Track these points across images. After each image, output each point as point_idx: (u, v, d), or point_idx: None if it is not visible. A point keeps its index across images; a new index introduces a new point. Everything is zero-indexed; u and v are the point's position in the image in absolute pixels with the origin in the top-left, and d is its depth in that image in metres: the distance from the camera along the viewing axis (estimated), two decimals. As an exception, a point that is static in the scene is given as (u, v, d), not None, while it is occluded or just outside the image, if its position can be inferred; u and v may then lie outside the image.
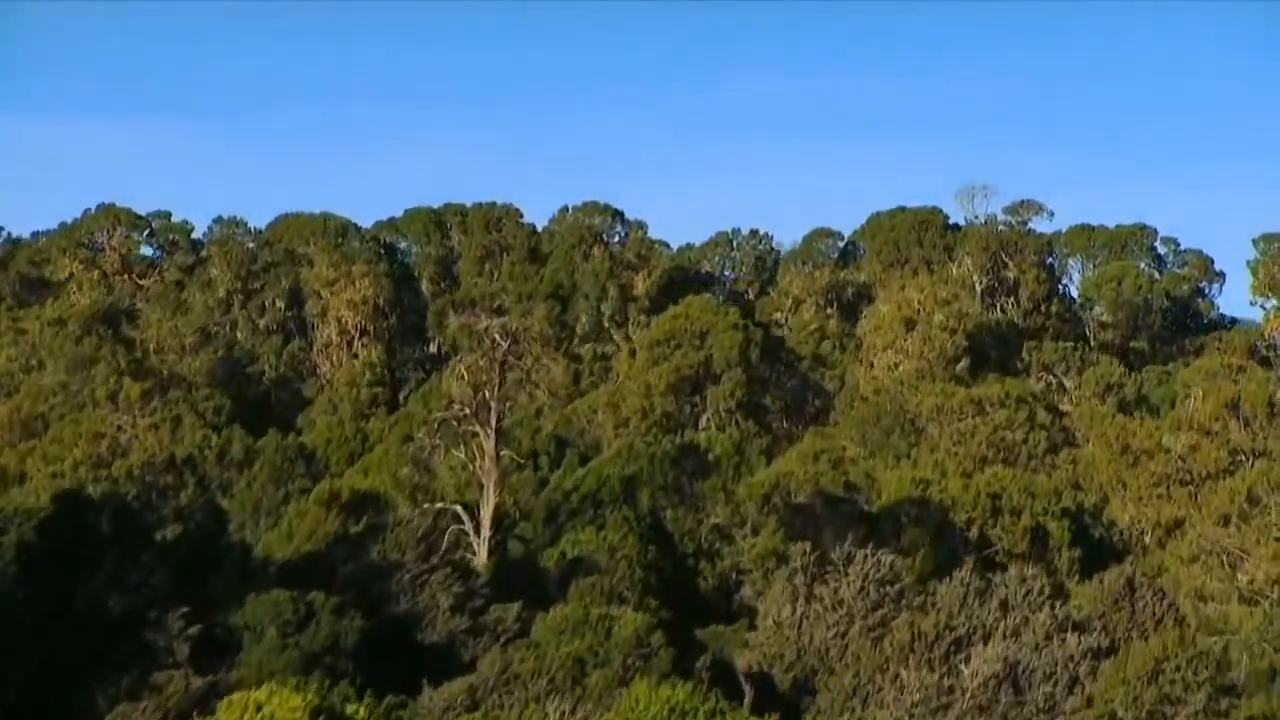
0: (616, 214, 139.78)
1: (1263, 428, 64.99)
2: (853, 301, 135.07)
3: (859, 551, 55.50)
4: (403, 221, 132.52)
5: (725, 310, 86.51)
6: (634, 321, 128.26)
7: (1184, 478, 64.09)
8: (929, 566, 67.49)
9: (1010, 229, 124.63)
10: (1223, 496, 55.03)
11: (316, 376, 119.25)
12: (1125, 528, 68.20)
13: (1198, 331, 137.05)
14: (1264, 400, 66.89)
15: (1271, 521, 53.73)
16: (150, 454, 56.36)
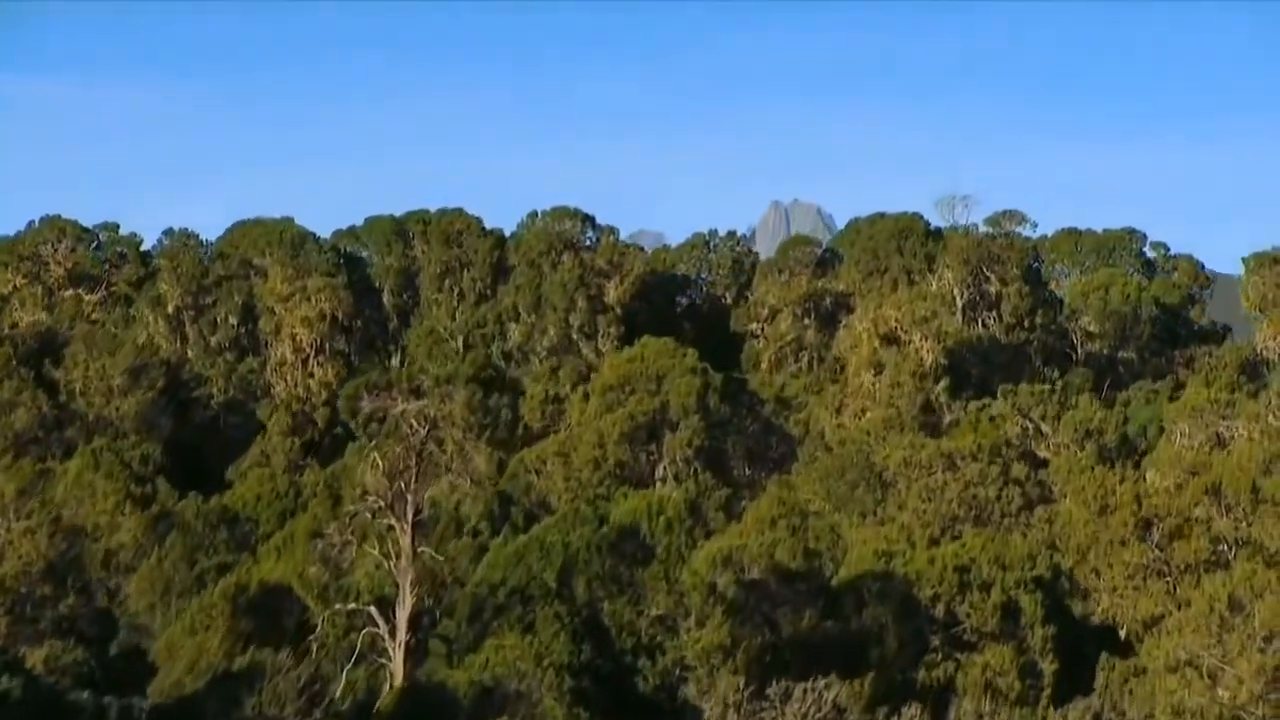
0: (587, 219, 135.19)
1: (1246, 514, 60.34)
2: (831, 311, 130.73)
3: (797, 686, 50.87)
4: (363, 230, 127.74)
5: (682, 353, 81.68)
6: (604, 334, 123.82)
7: (1162, 569, 59.46)
8: (891, 650, 63.19)
9: (993, 238, 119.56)
10: (1202, 603, 50.43)
11: (271, 396, 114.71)
12: (1100, 618, 63.69)
13: (1189, 339, 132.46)
14: (1248, 484, 62.14)
15: (1255, 630, 49.16)
16: (26, 561, 51.31)
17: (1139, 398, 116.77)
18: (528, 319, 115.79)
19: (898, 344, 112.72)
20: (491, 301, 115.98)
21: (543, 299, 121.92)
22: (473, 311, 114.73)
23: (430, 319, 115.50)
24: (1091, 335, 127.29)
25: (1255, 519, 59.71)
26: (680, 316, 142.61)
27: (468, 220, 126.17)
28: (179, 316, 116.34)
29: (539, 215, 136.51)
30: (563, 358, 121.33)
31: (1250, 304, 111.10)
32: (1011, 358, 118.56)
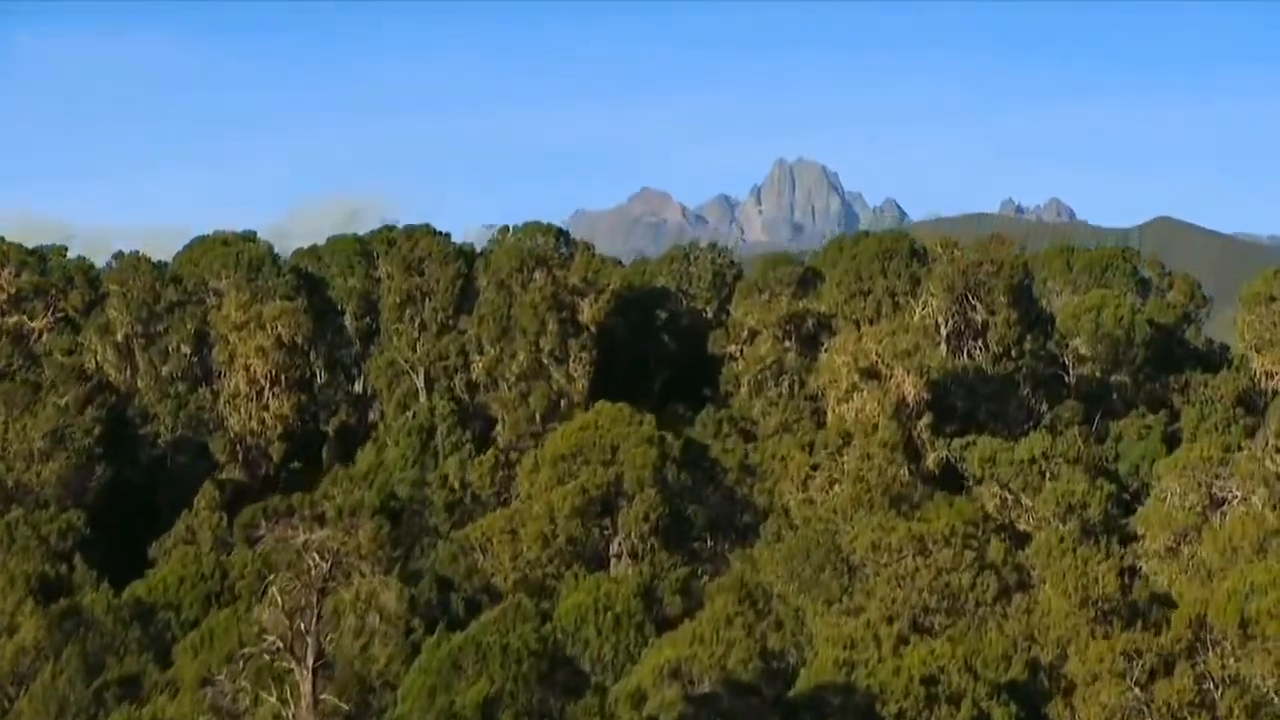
0: (560, 234, 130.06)
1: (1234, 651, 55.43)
2: (813, 332, 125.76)
3: None
4: (325, 250, 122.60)
5: (639, 420, 76.65)
6: (575, 359, 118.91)
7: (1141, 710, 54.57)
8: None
9: (979, 263, 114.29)
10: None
11: (224, 430, 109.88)
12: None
13: (1185, 360, 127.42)
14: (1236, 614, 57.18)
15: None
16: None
17: (1131, 433, 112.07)
18: (492, 350, 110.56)
19: (878, 378, 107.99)
20: (453, 333, 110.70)
21: (512, 322, 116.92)
22: (434, 343, 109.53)
23: (391, 350, 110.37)
24: (1083, 358, 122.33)
25: (1244, 654, 54.80)
26: (660, 330, 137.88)
27: (432, 241, 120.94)
28: (129, 345, 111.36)
29: (511, 231, 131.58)
30: (532, 383, 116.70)
31: (1245, 343, 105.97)
32: (998, 389, 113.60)
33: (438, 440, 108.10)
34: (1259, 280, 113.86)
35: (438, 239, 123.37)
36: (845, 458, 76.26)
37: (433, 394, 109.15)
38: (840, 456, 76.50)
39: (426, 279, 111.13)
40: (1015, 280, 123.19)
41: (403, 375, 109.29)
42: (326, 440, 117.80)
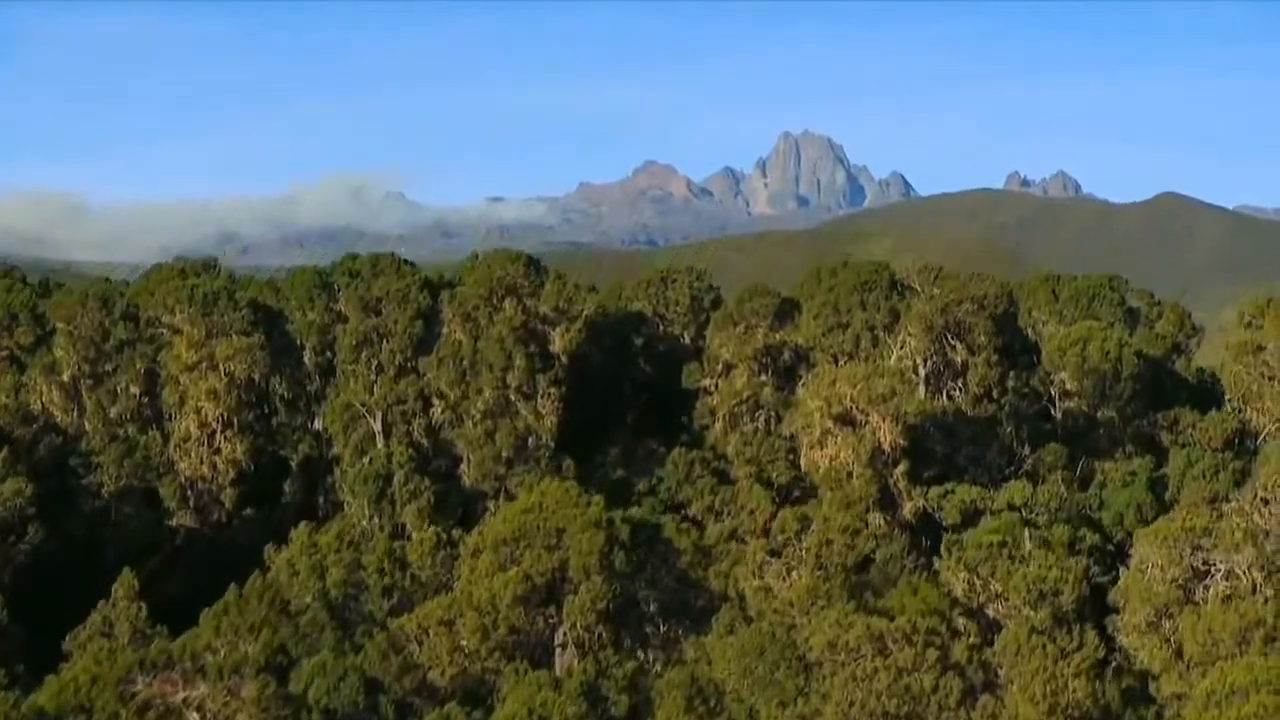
0: (531, 262, 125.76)
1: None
2: (790, 364, 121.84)
3: None
4: (285, 283, 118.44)
5: (585, 501, 72.47)
6: (543, 394, 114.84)
7: None
8: None
9: (959, 301, 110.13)
10: None
11: (174, 474, 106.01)
12: None
13: (1174, 393, 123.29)
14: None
15: None
16: None
17: (1115, 479, 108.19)
18: (453, 391, 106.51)
19: (853, 425, 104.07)
20: (411, 376, 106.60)
21: (478, 357, 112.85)
22: (392, 385, 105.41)
23: (347, 393, 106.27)
24: (1069, 393, 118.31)
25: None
26: (636, 356, 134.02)
27: (394, 278, 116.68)
28: (76, 385, 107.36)
29: (479, 258, 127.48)
30: (499, 420, 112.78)
31: (1233, 396, 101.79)
32: (979, 432, 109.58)
33: (395, 487, 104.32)
34: (1245, 329, 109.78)
35: (402, 272, 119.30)
36: (805, 541, 72.05)
37: (390, 439, 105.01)
38: (799, 541, 72.29)
39: (384, 319, 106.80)
40: (1000, 311, 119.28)
41: (359, 419, 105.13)
42: (289, 475, 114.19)
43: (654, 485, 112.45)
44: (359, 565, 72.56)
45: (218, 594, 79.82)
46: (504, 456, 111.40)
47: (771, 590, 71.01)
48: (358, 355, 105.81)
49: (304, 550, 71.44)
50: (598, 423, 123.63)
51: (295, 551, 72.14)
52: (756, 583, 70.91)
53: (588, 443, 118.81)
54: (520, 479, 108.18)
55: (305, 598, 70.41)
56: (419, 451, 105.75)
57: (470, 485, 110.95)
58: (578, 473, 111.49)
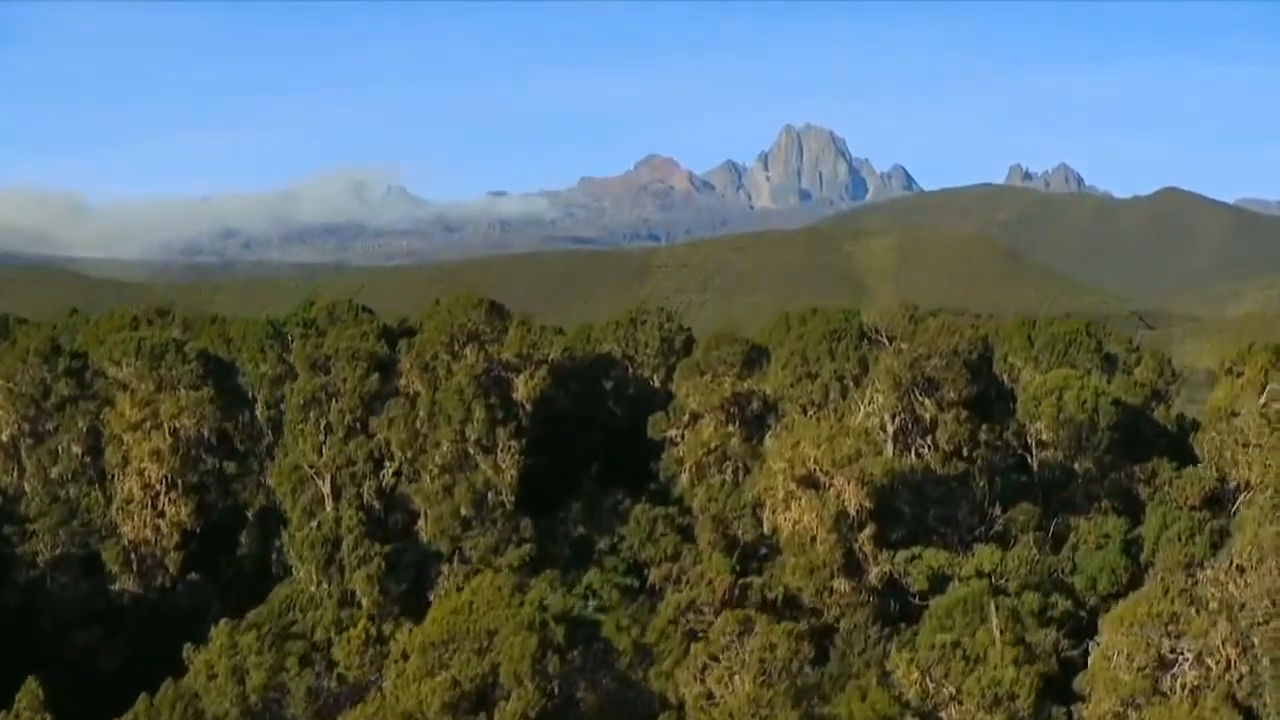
0: (493, 307, 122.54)
1: None
2: (759, 414, 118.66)
3: None
4: (236, 332, 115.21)
5: (518, 602, 69.12)
6: (503, 447, 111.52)
7: None
8: None
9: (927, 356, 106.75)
10: None
11: (117, 537, 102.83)
12: None
13: (1154, 440, 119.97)
14: None
15: None
16: None
17: (1089, 541, 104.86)
18: (404, 452, 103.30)
19: (817, 487, 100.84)
20: (361, 437, 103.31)
21: (436, 408, 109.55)
22: (341, 447, 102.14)
23: (295, 454, 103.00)
24: (1045, 444, 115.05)
25: None
26: (605, 399, 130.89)
27: (352, 324, 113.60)
28: (16, 445, 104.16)
29: (440, 305, 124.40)
30: (457, 475, 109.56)
31: (1208, 464, 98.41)
32: (949, 491, 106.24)
33: (344, 552, 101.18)
34: (1221, 391, 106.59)
35: (358, 320, 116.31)
36: (748, 644, 68.70)
37: (340, 501, 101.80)
38: (742, 643, 68.94)
39: (333, 377, 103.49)
40: (975, 356, 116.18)
41: (308, 481, 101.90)
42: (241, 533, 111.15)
43: (616, 544, 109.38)
44: (282, 667, 69.20)
45: (160, 664, 76.75)
46: (462, 513, 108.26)
47: (714, 697, 67.62)
48: (306, 415, 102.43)
49: (223, 651, 68.11)
50: (563, 470, 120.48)
51: (214, 653, 68.83)
52: (698, 688, 67.55)
53: (551, 494, 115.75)
54: (475, 541, 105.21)
55: (224, 704, 67.07)
56: (370, 514, 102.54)
57: (428, 541, 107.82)
58: (537, 531, 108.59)
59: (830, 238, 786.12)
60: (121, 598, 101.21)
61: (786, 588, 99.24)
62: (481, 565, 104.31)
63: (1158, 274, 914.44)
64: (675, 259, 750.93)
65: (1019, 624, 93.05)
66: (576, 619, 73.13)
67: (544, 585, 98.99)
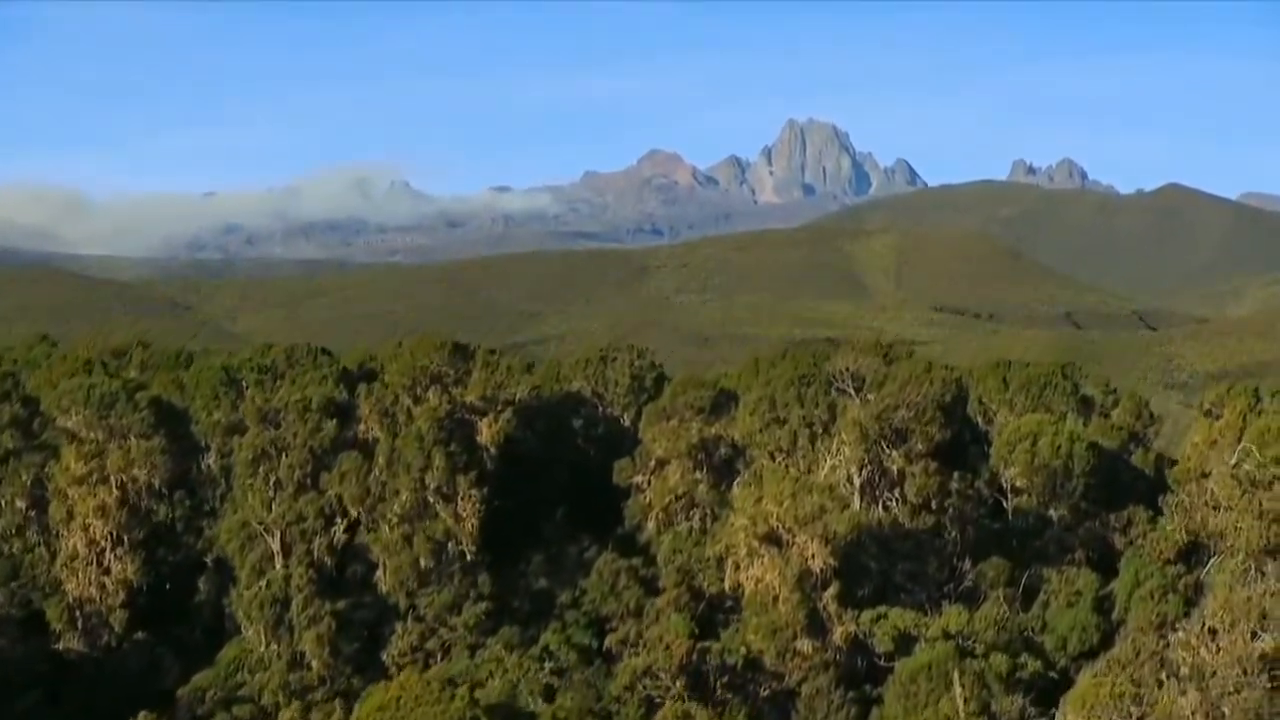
0: (458, 348, 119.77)
1: None
2: (727, 460, 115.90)
3: None
4: (190, 378, 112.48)
5: (449, 694, 66.45)
6: (464, 496, 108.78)
7: None
8: None
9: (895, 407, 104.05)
10: None
11: (62, 594, 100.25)
12: None
13: (1131, 485, 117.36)
14: None
15: None
16: None
17: (1060, 599, 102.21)
18: (356, 508, 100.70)
19: (780, 545, 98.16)
20: (312, 494, 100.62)
21: (395, 456, 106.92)
22: (291, 503, 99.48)
23: (244, 510, 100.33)
24: (1019, 490, 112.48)
25: None
26: (573, 438, 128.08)
27: (309, 370, 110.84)
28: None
29: (402, 346, 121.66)
30: (417, 524, 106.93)
31: (1177, 526, 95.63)
32: (917, 546, 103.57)
33: (293, 612, 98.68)
34: (1192, 451, 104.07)
35: (318, 366, 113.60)
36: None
37: (290, 559, 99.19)
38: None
39: (283, 432, 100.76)
40: (949, 398, 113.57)
41: (256, 538, 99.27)
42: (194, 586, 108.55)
43: (578, 597, 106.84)
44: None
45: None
46: (421, 564, 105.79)
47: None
48: (255, 469, 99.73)
49: None
50: (528, 515, 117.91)
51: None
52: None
53: (515, 540, 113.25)
54: (430, 599, 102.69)
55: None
56: (321, 571, 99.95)
57: (387, 592, 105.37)
58: (497, 584, 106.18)
59: (831, 236, 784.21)
60: (66, 658, 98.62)
61: (748, 649, 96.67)
62: (437, 624, 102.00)
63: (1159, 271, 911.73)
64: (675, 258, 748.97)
65: (985, 689, 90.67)
66: (513, 711, 70.43)
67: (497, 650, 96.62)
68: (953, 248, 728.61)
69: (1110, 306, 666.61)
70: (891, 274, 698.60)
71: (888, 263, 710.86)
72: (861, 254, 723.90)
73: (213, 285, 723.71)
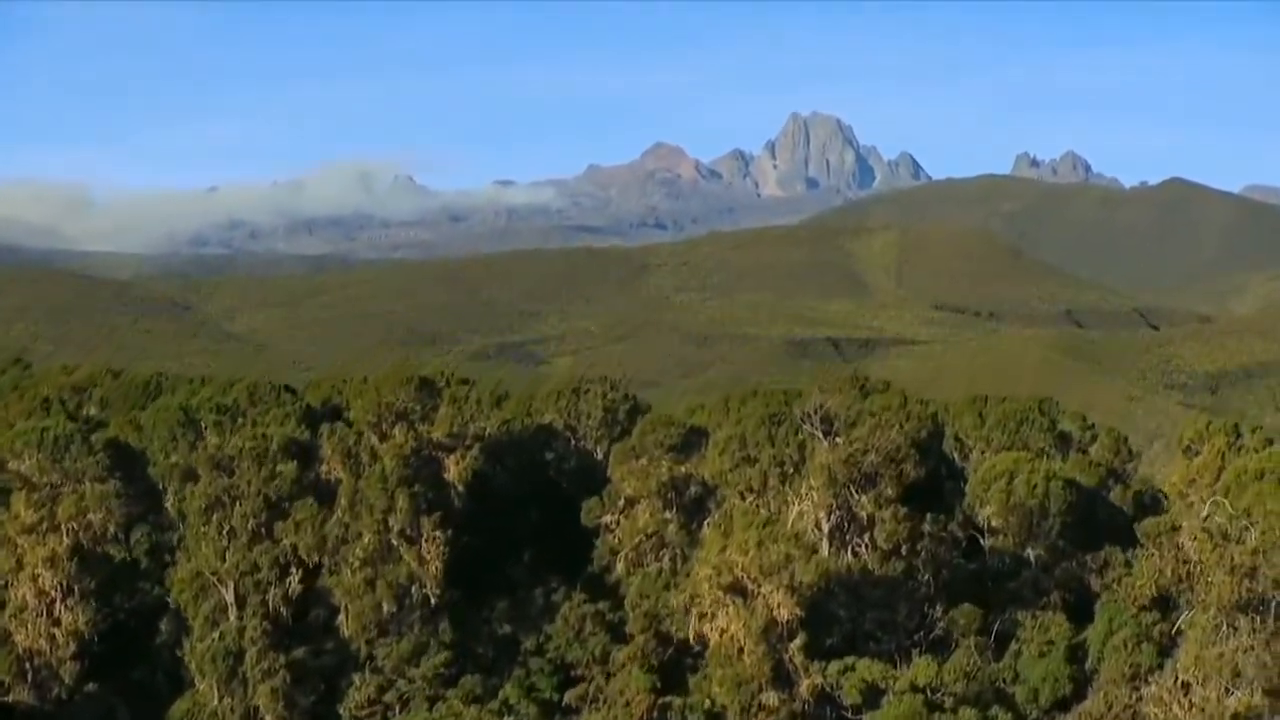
0: (425, 383, 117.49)
1: None
2: (698, 498, 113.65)
3: None
4: (146, 419, 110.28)
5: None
6: (428, 538, 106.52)
7: None
8: None
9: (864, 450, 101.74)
10: None
11: (11, 646, 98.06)
12: None
13: (1109, 523, 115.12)
14: None
15: None
16: None
17: (1032, 648, 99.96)
18: (312, 557, 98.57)
19: (745, 595, 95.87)
20: (266, 542, 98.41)
21: (358, 497, 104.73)
22: (245, 552, 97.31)
23: (197, 559, 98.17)
24: (995, 530, 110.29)
25: None
26: (544, 470, 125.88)
27: (272, 407, 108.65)
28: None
29: (367, 381, 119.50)
30: (380, 568, 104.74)
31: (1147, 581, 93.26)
32: (886, 594, 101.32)
33: (247, 665, 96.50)
34: (1176, 475, 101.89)
35: (280, 403, 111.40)
36: None
37: (245, 609, 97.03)
38: None
39: (237, 479, 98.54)
40: (923, 435, 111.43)
41: (210, 589, 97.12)
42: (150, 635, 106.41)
43: (542, 643, 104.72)
44: None
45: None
46: (384, 608, 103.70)
47: None
48: (208, 518, 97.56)
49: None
50: (496, 554, 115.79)
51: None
52: None
53: (482, 581, 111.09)
54: (389, 650, 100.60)
55: None
56: (277, 622, 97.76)
57: (349, 637, 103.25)
58: (460, 630, 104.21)
59: (832, 234, 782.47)
60: (15, 711, 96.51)
61: (712, 702, 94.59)
62: (396, 676, 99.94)
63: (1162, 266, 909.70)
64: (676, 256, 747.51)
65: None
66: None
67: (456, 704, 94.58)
68: (954, 245, 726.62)
69: (1112, 304, 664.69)
70: (892, 272, 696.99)
71: (888, 261, 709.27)
72: (862, 252, 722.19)
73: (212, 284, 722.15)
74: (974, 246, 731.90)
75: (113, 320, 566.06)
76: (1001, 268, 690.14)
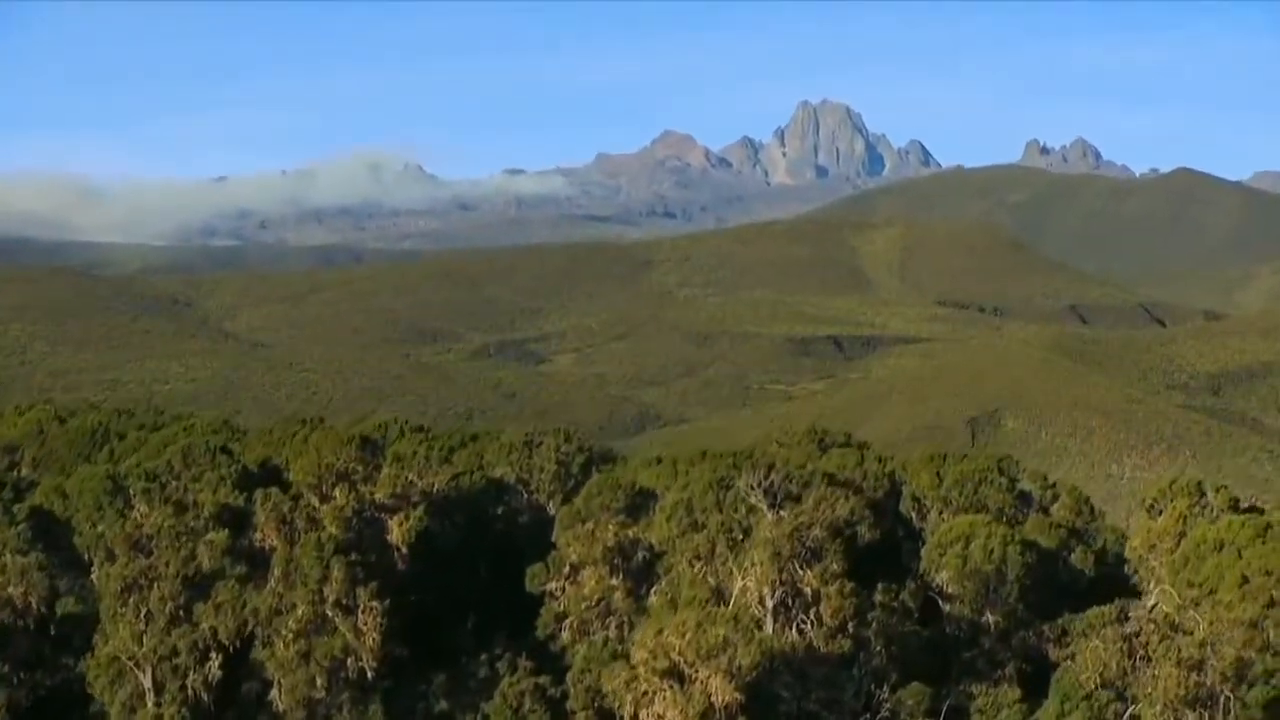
0: (366, 442, 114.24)
1: None
2: (646, 564, 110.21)
3: None
4: (71, 485, 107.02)
5: None
6: (365, 608, 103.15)
7: None
8: None
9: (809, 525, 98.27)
10: None
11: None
12: None
13: (1070, 587, 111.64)
14: None
15: None
16: None
17: None
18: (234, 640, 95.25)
19: (682, 681, 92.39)
20: (185, 625, 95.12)
21: (292, 567, 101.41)
22: (163, 636, 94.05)
23: (113, 643, 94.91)
24: (950, 597, 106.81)
25: None
26: (495, 524, 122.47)
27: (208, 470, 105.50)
28: None
29: (307, 440, 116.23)
30: (314, 640, 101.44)
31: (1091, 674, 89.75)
32: (832, 672, 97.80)
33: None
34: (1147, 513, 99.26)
35: (216, 466, 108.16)
36: None
37: (164, 695, 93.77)
38: None
39: (155, 560, 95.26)
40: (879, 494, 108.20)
41: (127, 674, 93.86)
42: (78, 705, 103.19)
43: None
44: None
45: None
46: (317, 683, 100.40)
47: None
48: (125, 600, 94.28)
49: None
50: (442, 613, 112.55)
51: None
52: None
53: (419, 653, 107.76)
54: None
55: None
56: (198, 709, 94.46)
57: (283, 713, 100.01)
58: (394, 709, 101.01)
59: (835, 229, 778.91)
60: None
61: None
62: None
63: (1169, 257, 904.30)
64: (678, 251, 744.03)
65: None
66: None
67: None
68: (957, 240, 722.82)
69: (1116, 299, 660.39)
70: (895, 267, 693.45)
71: (892, 256, 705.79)
72: (865, 247, 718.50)
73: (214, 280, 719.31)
74: (978, 241, 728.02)
75: (111, 319, 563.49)
76: (1006, 262, 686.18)
